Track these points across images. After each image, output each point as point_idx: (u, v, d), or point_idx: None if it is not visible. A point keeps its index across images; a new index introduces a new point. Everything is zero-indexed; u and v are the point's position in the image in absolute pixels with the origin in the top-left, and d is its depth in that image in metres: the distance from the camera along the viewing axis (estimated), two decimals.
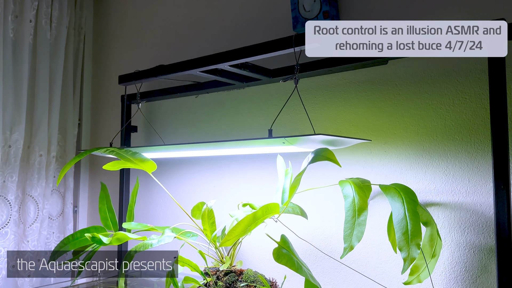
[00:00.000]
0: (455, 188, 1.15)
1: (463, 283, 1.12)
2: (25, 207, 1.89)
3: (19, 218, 1.88)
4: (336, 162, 0.95)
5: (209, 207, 1.16)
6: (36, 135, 1.92)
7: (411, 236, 0.98)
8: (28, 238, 1.88)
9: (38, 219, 1.91)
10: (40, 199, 1.92)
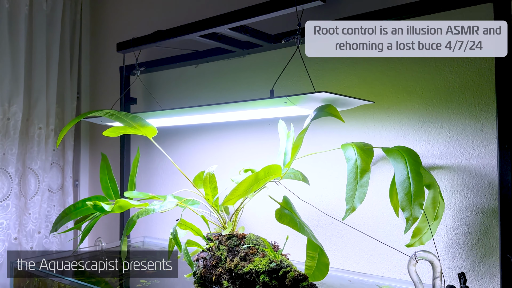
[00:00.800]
0: (458, 150, 1.14)
1: (465, 245, 1.12)
2: (26, 180, 1.89)
3: (19, 191, 1.88)
4: (339, 117, 0.93)
5: (211, 172, 1.15)
6: (35, 108, 1.90)
7: (413, 196, 0.97)
8: (30, 211, 1.89)
9: (39, 192, 1.91)
10: (40, 172, 1.91)
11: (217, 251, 1.20)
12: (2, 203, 1.83)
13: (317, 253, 1.09)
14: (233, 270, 1.12)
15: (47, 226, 2.00)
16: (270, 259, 1.08)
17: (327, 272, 1.10)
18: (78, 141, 2.15)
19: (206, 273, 1.20)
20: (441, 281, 0.81)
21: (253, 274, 1.08)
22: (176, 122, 1.48)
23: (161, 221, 1.86)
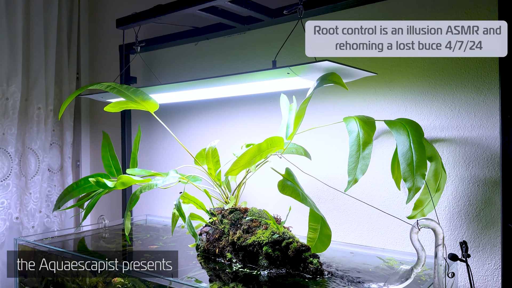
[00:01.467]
0: (461, 123, 1.14)
1: (466, 217, 1.13)
2: (26, 160, 1.90)
3: (20, 171, 1.89)
4: (343, 85, 0.92)
5: (213, 146, 1.15)
6: (34, 88, 1.89)
7: (416, 167, 0.97)
8: (30, 191, 1.90)
9: (39, 172, 1.92)
10: (40, 152, 1.92)
11: (220, 224, 1.21)
12: (3, 182, 1.84)
13: (319, 225, 1.10)
14: (236, 242, 1.13)
15: (48, 206, 2.01)
16: (273, 231, 1.09)
17: (329, 243, 1.11)
18: (78, 122, 2.15)
19: (209, 246, 1.21)
20: (443, 248, 0.82)
21: (256, 246, 1.09)
22: (177, 98, 1.47)
23: (164, 200, 1.87)
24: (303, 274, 1.03)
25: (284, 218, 1.15)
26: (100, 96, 1.39)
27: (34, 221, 1.90)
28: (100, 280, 1.23)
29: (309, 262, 1.03)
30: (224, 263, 1.15)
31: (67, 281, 1.28)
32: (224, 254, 1.16)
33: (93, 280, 1.24)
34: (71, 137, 2.08)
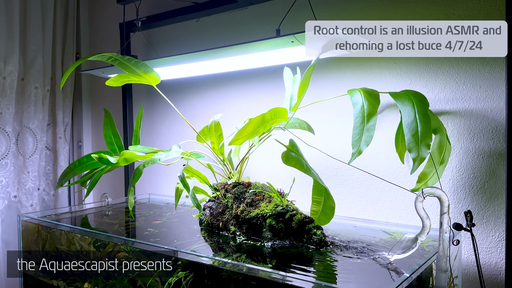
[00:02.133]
0: (466, 95, 1.13)
1: (470, 189, 1.13)
2: (24, 139, 1.90)
3: (17, 150, 1.89)
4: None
5: (216, 120, 1.14)
6: (31, 68, 1.89)
7: (421, 137, 0.97)
8: (29, 169, 1.90)
9: (37, 151, 1.93)
10: (38, 131, 1.92)
11: (223, 199, 1.21)
12: (1, 161, 1.84)
13: (323, 197, 1.10)
14: (239, 215, 1.13)
15: (48, 184, 2.02)
16: (277, 203, 1.09)
17: (332, 215, 1.11)
18: (79, 102, 2.14)
19: (213, 220, 1.21)
20: (448, 217, 0.82)
21: (260, 218, 1.09)
22: (178, 72, 1.45)
23: (166, 179, 1.87)
24: (307, 245, 1.03)
25: (287, 192, 1.15)
26: (101, 72, 1.37)
27: (33, 199, 1.91)
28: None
29: (312, 233, 1.03)
30: (227, 236, 1.15)
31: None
32: (228, 228, 1.16)
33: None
34: (67, 116, 2.07)
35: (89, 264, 1.25)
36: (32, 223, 1.41)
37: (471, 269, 1.13)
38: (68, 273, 1.28)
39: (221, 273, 0.99)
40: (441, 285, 0.80)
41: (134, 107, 1.87)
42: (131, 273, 1.15)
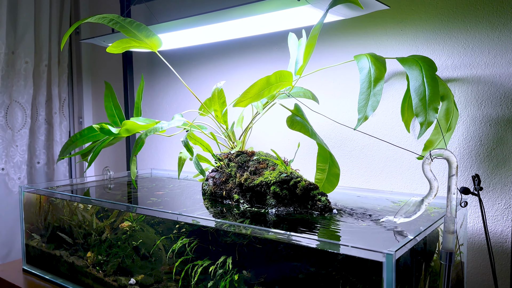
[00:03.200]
0: (474, 61, 1.11)
1: (477, 157, 1.11)
2: (13, 113, 1.89)
3: (6, 123, 1.89)
4: (358, 3, 0.88)
5: (219, 87, 1.12)
6: (21, 42, 1.86)
7: (428, 101, 0.95)
8: (17, 143, 1.90)
9: (26, 125, 1.92)
10: (27, 106, 1.91)
11: (227, 168, 1.19)
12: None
13: (327, 164, 1.08)
14: (243, 184, 1.12)
15: (47, 159, 2.02)
16: (281, 171, 1.08)
17: (337, 182, 1.10)
18: (80, 79, 2.12)
19: (216, 189, 1.20)
20: (457, 178, 0.80)
21: (264, 186, 1.08)
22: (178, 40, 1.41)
23: (168, 154, 1.86)
24: (311, 211, 1.02)
25: (292, 159, 1.13)
26: (101, 40, 1.35)
27: (21, 173, 1.92)
28: (108, 225, 1.23)
29: (317, 199, 1.02)
30: (231, 204, 1.14)
31: (74, 227, 1.29)
32: (231, 196, 1.15)
33: (100, 225, 1.25)
34: (58, 91, 2.05)
35: (91, 234, 1.24)
36: (34, 193, 1.41)
37: (476, 238, 1.13)
38: (70, 243, 1.28)
39: (226, 239, 0.98)
40: (448, 246, 0.79)
41: (135, 81, 1.85)
42: (134, 241, 1.14)
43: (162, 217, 1.05)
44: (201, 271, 0.99)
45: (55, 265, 1.30)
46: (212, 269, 0.97)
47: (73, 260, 1.24)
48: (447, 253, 0.78)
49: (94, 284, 1.16)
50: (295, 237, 0.80)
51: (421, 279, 0.81)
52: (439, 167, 1.17)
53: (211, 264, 0.98)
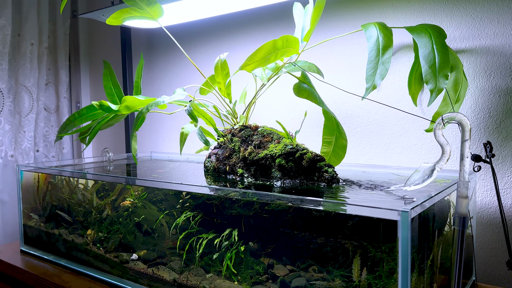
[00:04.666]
0: (482, 31, 1.09)
1: (486, 129, 1.09)
2: (19, 97, 1.84)
3: (14, 109, 1.84)
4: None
5: (222, 59, 1.10)
6: (26, 23, 1.82)
7: (438, 68, 0.93)
8: (25, 129, 1.86)
9: (33, 110, 1.87)
10: (34, 90, 1.86)
11: (230, 143, 1.17)
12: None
13: (334, 137, 1.06)
14: (247, 157, 1.09)
15: (46, 146, 1.98)
16: (286, 144, 1.05)
17: (344, 155, 1.08)
18: (77, 63, 2.08)
19: (219, 165, 1.17)
20: (470, 142, 0.78)
21: (269, 158, 1.05)
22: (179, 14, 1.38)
23: (167, 138, 1.83)
24: (318, 183, 0.99)
25: (298, 129, 1.11)
26: (100, 14, 1.32)
27: (29, 159, 1.87)
28: (108, 203, 1.20)
29: (324, 171, 0.99)
30: (235, 178, 1.12)
31: (73, 205, 1.26)
32: (235, 171, 1.13)
33: (101, 203, 1.22)
34: (67, 76, 2.01)
35: (92, 212, 1.21)
36: (32, 172, 1.38)
37: (485, 212, 1.11)
38: (70, 221, 1.25)
39: (231, 211, 0.96)
40: (462, 211, 0.76)
41: (134, 62, 1.82)
42: (136, 217, 1.12)
43: (166, 187, 1.02)
44: (206, 244, 0.96)
45: (54, 244, 1.28)
46: (217, 241, 0.95)
47: (72, 238, 1.21)
48: (461, 218, 0.76)
49: (95, 261, 1.13)
50: (306, 201, 0.78)
51: (434, 245, 0.79)
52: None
53: (216, 237, 0.96)
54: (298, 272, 0.84)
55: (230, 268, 0.90)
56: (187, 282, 0.92)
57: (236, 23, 1.54)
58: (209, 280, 0.90)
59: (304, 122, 1.36)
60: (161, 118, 1.86)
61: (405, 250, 0.63)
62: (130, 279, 1.03)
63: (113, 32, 1.99)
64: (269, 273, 0.86)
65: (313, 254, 0.83)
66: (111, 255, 1.10)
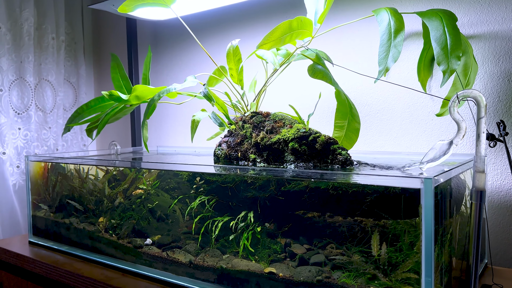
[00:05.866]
0: (491, 17, 1.10)
1: (495, 113, 1.11)
2: (43, 92, 1.83)
3: (37, 104, 1.82)
4: None
5: (234, 45, 1.10)
6: (46, 16, 1.81)
7: (450, 50, 0.94)
8: (49, 125, 1.84)
9: (55, 106, 1.86)
10: (55, 85, 1.86)
11: (241, 130, 1.17)
12: (24, 114, 1.77)
13: (347, 121, 1.07)
14: (259, 143, 1.10)
15: (63, 146, 1.96)
16: (298, 128, 1.06)
17: (356, 138, 1.09)
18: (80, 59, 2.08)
19: (231, 151, 1.17)
20: (486, 118, 0.79)
21: (282, 143, 1.06)
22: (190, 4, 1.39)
23: (173, 133, 1.84)
24: (332, 165, 1.00)
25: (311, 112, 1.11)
26: (111, 4, 1.32)
27: None
28: (120, 191, 1.20)
29: (337, 153, 1.00)
30: (247, 164, 1.12)
31: (84, 194, 1.25)
32: (247, 157, 1.13)
33: (113, 192, 1.22)
34: (85, 71, 2.01)
35: (103, 201, 1.21)
36: (41, 162, 1.37)
37: (495, 196, 1.11)
38: (81, 210, 1.25)
39: (246, 193, 0.96)
40: (479, 185, 0.77)
41: (140, 56, 1.83)
42: (150, 204, 1.11)
43: (181, 169, 1.02)
44: (221, 227, 0.96)
45: (63, 234, 1.27)
46: (233, 223, 0.95)
47: (83, 226, 1.20)
48: (478, 191, 0.77)
49: (107, 248, 1.13)
50: (326, 175, 0.78)
51: (453, 219, 0.80)
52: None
53: (232, 220, 0.96)
54: (316, 250, 0.84)
55: (247, 248, 0.90)
56: (204, 263, 0.92)
57: (243, 13, 1.55)
58: (226, 261, 0.90)
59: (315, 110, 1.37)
60: (166, 112, 1.86)
61: (428, 219, 0.64)
62: (144, 263, 1.03)
63: (118, 27, 2.00)
64: (287, 251, 0.86)
65: (331, 233, 0.83)
66: (124, 241, 1.10)
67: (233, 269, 0.86)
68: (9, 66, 1.71)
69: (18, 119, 1.75)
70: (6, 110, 1.70)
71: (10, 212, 1.71)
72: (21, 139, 1.76)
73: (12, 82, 1.73)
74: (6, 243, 1.36)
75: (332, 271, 0.77)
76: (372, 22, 1.28)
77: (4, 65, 1.69)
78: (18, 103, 1.75)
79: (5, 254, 1.29)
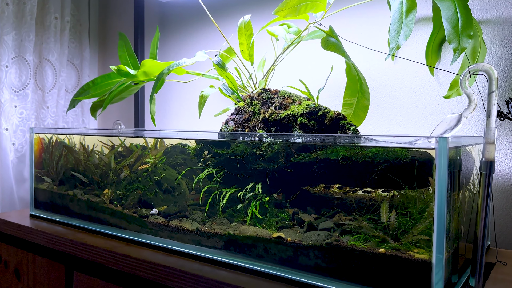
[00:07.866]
0: (500, 2, 1.12)
1: (502, 97, 1.12)
2: (43, 71, 1.82)
3: (36, 83, 1.81)
4: None
5: (246, 20, 1.11)
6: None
7: (461, 28, 0.95)
8: (48, 104, 1.83)
9: (55, 86, 1.85)
10: (57, 65, 1.85)
11: (249, 107, 1.17)
12: (21, 92, 1.76)
13: (356, 98, 1.08)
14: (268, 118, 1.10)
15: (64, 127, 1.95)
16: (307, 104, 1.06)
17: (365, 116, 1.09)
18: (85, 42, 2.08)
19: (238, 128, 1.18)
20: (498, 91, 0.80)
21: (290, 118, 1.06)
22: None
23: (178, 118, 1.84)
24: None
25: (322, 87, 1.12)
26: None
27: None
28: (126, 166, 1.20)
29: (346, 128, 1.00)
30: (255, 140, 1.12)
31: (90, 166, 1.25)
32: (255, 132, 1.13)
33: (118, 166, 1.21)
34: (89, 54, 2.00)
35: (109, 174, 1.21)
36: (45, 134, 1.37)
37: (499, 179, 1.12)
38: (85, 182, 1.24)
39: (255, 166, 0.96)
40: (489, 156, 0.78)
41: (146, 36, 1.82)
42: (156, 176, 1.11)
43: (191, 138, 1.02)
44: (229, 197, 0.96)
45: (66, 206, 1.26)
46: (241, 194, 0.95)
47: (88, 197, 1.20)
48: (488, 162, 0.78)
49: (111, 218, 1.12)
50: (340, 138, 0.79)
51: (460, 195, 0.80)
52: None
53: (239, 191, 0.96)
54: (324, 218, 0.84)
55: (254, 217, 0.90)
56: (211, 230, 0.92)
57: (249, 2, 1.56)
58: (233, 228, 0.90)
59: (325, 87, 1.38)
60: (170, 96, 1.86)
61: (442, 179, 0.64)
62: (149, 233, 1.03)
63: (125, 9, 2.00)
64: (296, 218, 0.86)
65: (339, 204, 0.84)
66: (129, 211, 1.09)
67: (241, 235, 0.86)
68: (12, 43, 1.71)
69: (14, 96, 1.75)
70: (8, 87, 1.70)
71: (10, 188, 1.70)
72: (17, 116, 1.76)
73: (12, 59, 1.73)
74: (5, 216, 1.35)
75: (341, 235, 0.77)
76: (382, 4, 1.29)
77: (9, 41, 1.69)
78: (16, 81, 1.75)
79: (5, 225, 1.28)
